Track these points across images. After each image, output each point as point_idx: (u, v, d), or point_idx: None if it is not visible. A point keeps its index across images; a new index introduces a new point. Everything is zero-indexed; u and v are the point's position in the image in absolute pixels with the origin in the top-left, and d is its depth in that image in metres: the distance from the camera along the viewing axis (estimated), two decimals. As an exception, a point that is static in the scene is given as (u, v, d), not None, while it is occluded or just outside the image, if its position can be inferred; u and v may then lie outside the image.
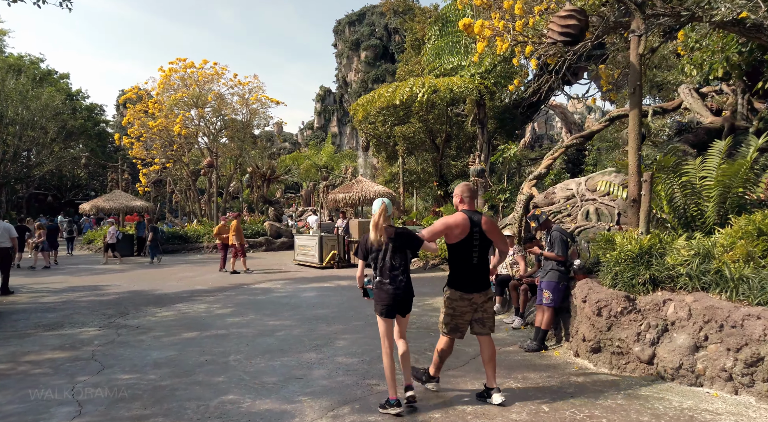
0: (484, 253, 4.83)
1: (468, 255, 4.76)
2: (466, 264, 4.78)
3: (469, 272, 4.79)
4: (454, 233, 4.71)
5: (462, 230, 4.70)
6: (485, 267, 4.86)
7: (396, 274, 4.72)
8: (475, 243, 4.74)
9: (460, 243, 4.74)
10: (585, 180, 10.01)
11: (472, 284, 4.80)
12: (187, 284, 13.65)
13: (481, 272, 4.82)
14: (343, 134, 71.56)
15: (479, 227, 4.74)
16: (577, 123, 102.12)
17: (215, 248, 24.18)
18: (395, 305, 4.71)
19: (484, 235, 4.76)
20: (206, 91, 27.34)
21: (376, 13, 59.32)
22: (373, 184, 17.43)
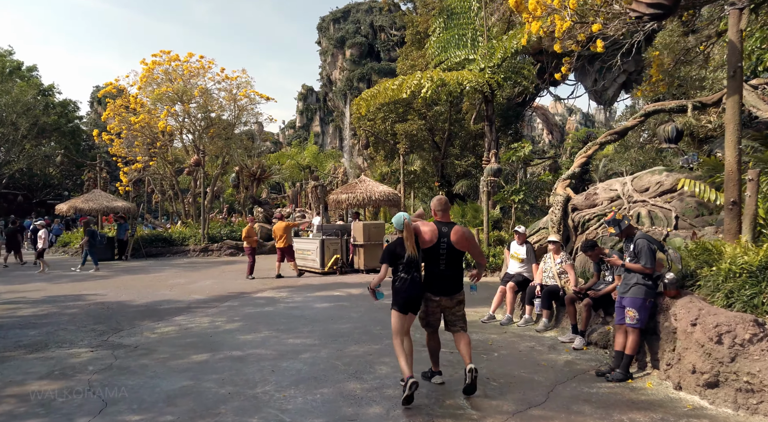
0: (452, 262, 5.22)
1: (435, 262, 5.20)
2: (433, 270, 5.24)
3: (435, 277, 5.25)
4: (423, 239, 5.16)
5: (430, 237, 5.14)
6: (454, 275, 5.27)
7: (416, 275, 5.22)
8: (441, 252, 5.15)
9: (429, 250, 5.19)
10: (631, 180, 9.18)
11: (438, 288, 5.26)
12: (181, 292, 12.47)
13: (447, 279, 5.25)
14: (325, 133, 70.33)
15: (447, 238, 5.13)
16: (558, 125, 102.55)
17: (203, 252, 22.94)
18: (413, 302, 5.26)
19: (452, 245, 5.14)
20: (192, 85, 25.97)
21: (361, 10, 58.31)
22: (377, 184, 16.43)
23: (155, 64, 26.34)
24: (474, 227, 16.50)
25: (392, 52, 53.60)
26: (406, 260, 5.14)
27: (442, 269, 5.22)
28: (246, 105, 26.59)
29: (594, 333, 6.78)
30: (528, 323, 8.21)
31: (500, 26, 17.94)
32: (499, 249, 14.40)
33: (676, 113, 10.93)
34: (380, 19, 55.17)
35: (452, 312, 5.42)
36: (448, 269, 5.23)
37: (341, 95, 56.83)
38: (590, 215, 9.01)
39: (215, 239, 23.45)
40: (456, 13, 18.26)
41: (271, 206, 29.48)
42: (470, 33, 17.85)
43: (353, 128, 53.43)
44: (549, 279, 8.06)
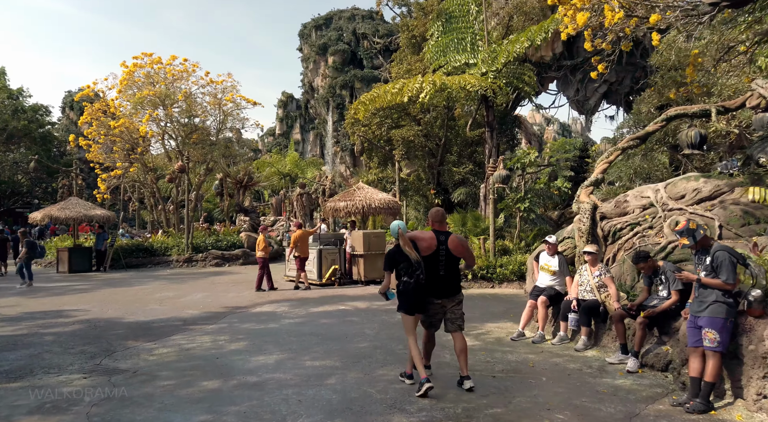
0: (450, 267, 5.70)
1: (435, 268, 5.63)
2: (434, 275, 5.65)
3: (436, 281, 5.66)
4: (422, 246, 5.60)
5: (429, 245, 5.60)
6: (452, 278, 5.76)
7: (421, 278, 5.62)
8: (441, 258, 5.62)
9: (429, 257, 5.61)
10: (664, 187, 8.70)
11: (440, 291, 5.70)
12: (173, 307, 11.57)
13: (447, 282, 5.72)
14: (306, 141, 69.46)
15: (445, 245, 5.63)
16: (537, 134, 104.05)
17: (187, 262, 21.90)
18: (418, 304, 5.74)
19: (450, 252, 5.64)
20: (175, 89, 24.98)
21: (344, 17, 57.75)
22: (376, 191, 15.75)
23: (136, 66, 25.27)
24: (475, 236, 15.95)
25: (375, 59, 53.18)
26: (409, 264, 5.59)
27: (441, 273, 5.67)
28: (232, 110, 25.68)
29: (649, 353, 6.19)
30: (563, 341, 7.60)
31: (499, 31, 17.53)
32: (506, 259, 13.84)
33: (698, 117, 10.54)
34: (363, 26, 54.70)
35: (452, 311, 5.82)
36: (447, 274, 5.70)
37: (324, 102, 56.07)
38: (622, 223, 8.50)
39: (200, 249, 22.43)
40: (454, 16, 17.80)
41: (257, 214, 28.53)
42: (469, 37, 17.40)
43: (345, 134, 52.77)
44: (586, 293, 7.48)
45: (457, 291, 5.82)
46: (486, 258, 13.86)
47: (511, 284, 13.53)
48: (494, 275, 13.53)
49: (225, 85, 25.40)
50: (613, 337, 7.16)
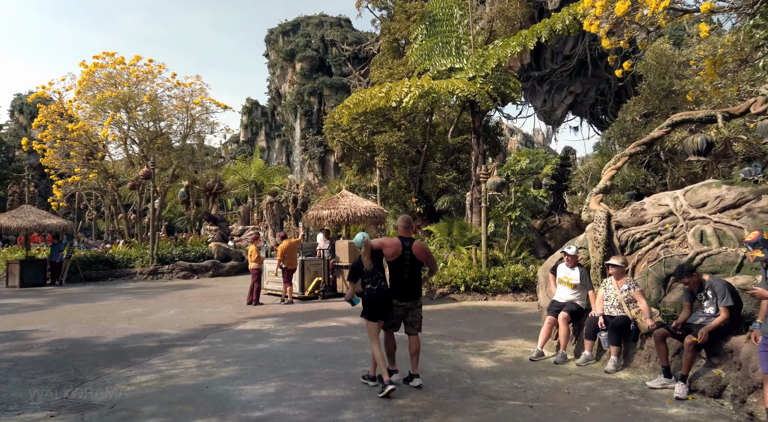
0: (413, 271, 6.05)
1: (400, 272, 5.99)
2: (399, 279, 6.01)
3: (401, 284, 6.01)
4: (388, 252, 5.95)
5: (394, 251, 5.94)
6: (415, 282, 6.10)
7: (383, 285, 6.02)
8: (405, 263, 5.97)
9: (395, 262, 5.98)
10: (683, 194, 8.26)
11: (404, 294, 6.04)
12: (144, 326, 10.50)
13: (411, 286, 6.06)
14: (272, 148, 68.04)
15: (410, 251, 5.97)
16: (501, 144, 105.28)
17: (152, 275, 20.59)
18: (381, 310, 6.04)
19: (414, 257, 5.99)
20: (140, 91, 23.66)
21: (312, 24, 56.87)
22: (361, 199, 14.97)
23: (97, 66, 23.85)
24: (462, 246, 15.38)
25: (344, 67, 52.49)
26: (372, 272, 5.97)
27: (406, 277, 6.04)
28: (200, 114, 24.50)
29: (698, 378, 5.64)
30: (588, 361, 7.00)
31: (484, 35, 17.12)
32: (499, 270, 13.28)
33: (704, 123, 10.24)
34: (332, 33, 53.94)
35: (413, 315, 6.16)
36: (411, 277, 6.07)
37: (291, 109, 54.91)
38: (641, 233, 8.00)
39: (166, 260, 21.13)
40: (438, 20, 17.30)
41: (227, 223, 27.29)
42: (454, 41, 16.93)
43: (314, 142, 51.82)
44: (613, 309, 6.91)
45: (419, 295, 6.22)
46: (478, 269, 13.27)
47: (505, 296, 12.97)
48: (487, 287, 12.95)
49: (193, 88, 24.25)
50: (645, 357, 6.61)
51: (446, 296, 13.17)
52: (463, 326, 9.93)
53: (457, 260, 14.40)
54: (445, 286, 13.20)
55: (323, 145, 51.50)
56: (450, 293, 13.15)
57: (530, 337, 8.83)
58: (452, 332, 9.36)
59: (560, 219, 19.07)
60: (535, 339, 8.71)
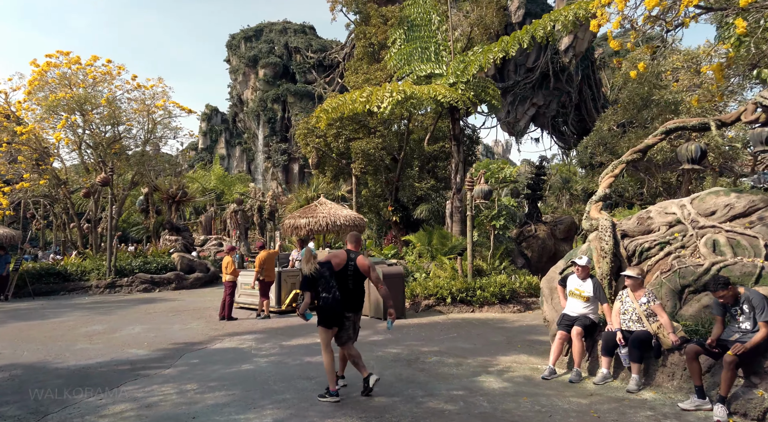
0: (357, 283, 6.33)
1: (345, 281, 6.25)
2: (344, 289, 6.23)
3: (346, 295, 6.24)
4: (335, 262, 6.23)
5: (340, 261, 6.25)
6: (358, 294, 6.36)
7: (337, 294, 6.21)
8: (349, 273, 6.26)
9: (339, 272, 6.22)
10: (689, 202, 8.01)
11: (349, 305, 6.28)
12: (109, 345, 9.54)
13: (354, 297, 6.32)
14: (232, 156, 66.39)
15: (354, 263, 6.28)
16: (476, 153, 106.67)
17: (109, 288, 19.27)
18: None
19: (357, 269, 6.28)
20: (97, 93, 22.36)
21: (275, 30, 55.88)
22: (340, 207, 14.33)
23: (50, 65, 22.43)
24: (444, 255, 14.93)
25: (308, 74, 51.75)
26: (326, 281, 6.17)
27: (350, 287, 6.32)
28: (162, 118, 23.33)
29: (738, 399, 5.27)
30: (606, 379, 6.58)
31: (463, 42, 16.86)
32: (485, 281, 12.86)
33: (697, 131, 10.14)
34: (296, 40, 53.12)
35: (354, 323, 6.45)
36: (354, 288, 6.35)
37: (254, 116, 53.66)
38: (649, 242, 7.70)
39: (124, 272, 19.83)
40: (417, 25, 16.95)
41: (190, 233, 26.06)
42: (433, 47, 16.59)
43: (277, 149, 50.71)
44: (632, 323, 6.52)
45: (361, 307, 6.50)
46: (464, 280, 12.81)
47: (492, 308, 12.55)
48: (474, 299, 12.49)
49: (155, 91, 23.10)
50: (669, 375, 6.24)
51: (432, 309, 12.64)
52: (458, 341, 9.41)
53: (439, 270, 13.93)
54: (431, 298, 12.67)
55: (287, 153, 50.54)
56: (436, 305, 12.63)
57: (533, 352, 8.39)
58: (449, 348, 8.82)
59: (536, 228, 18.90)
60: (538, 354, 8.30)
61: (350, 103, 13.77)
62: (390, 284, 11.59)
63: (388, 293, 6.40)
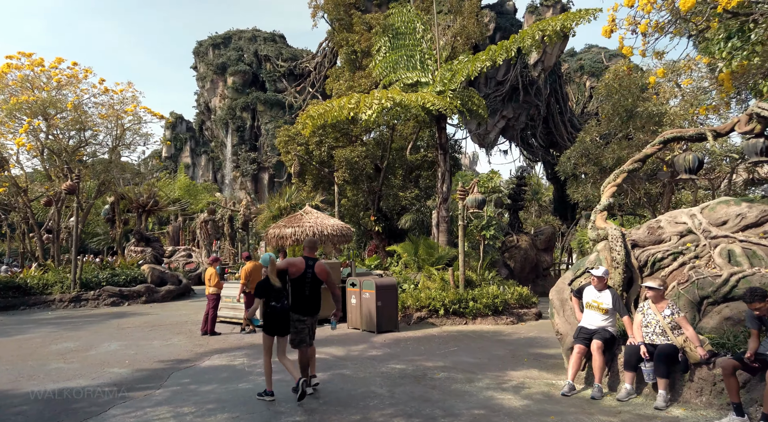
0: (314, 288, 6.63)
1: (302, 288, 6.57)
2: (301, 294, 6.57)
3: (302, 300, 6.58)
4: (293, 270, 6.54)
5: (298, 269, 6.54)
6: (315, 298, 6.67)
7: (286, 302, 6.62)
8: (307, 280, 6.57)
9: (297, 279, 6.55)
10: (699, 211, 7.92)
11: (305, 309, 6.60)
12: (87, 365, 8.81)
13: (311, 302, 6.64)
14: (197, 165, 64.85)
15: (312, 269, 6.59)
16: (459, 162, 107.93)
17: (74, 302, 18.20)
18: None
19: (315, 275, 6.60)
20: (63, 96, 21.31)
21: (244, 38, 55.03)
22: (326, 217, 13.86)
23: (10, 67, 21.29)
24: (431, 266, 14.63)
25: (279, 83, 51.08)
26: (278, 291, 6.48)
27: (307, 293, 6.60)
28: (131, 124, 22.39)
29: (776, 412, 5.07)
30: (630, 395, 6.34)
31: (448, 50, 16.74)
32: (477, 292, 12.59)
33: (694, 141, 10.15)
34: (265, 48, 52.41)
35: (312, 327, 6.75)
36: (311, 294, 6.64)
37: (222, 124, 52.51)
38: (662, 252, 7.55)
39: (90, 285, 18.79)
40: (401, 33, 16.75)
41: (161, 244, 25.02)
42: (418, 55, 16.41)
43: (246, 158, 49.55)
44: (656, 337, 6.31)
45: (318, 310, 6.77)
46: (456, 291, 12.51)
47: (486, 320, 12.27)
48: (467, 311, 12.20)
49: (124, 96, 22.17)
50: (697, 390, 6.04)
51: (424, 321, 12.27)
52: (461, 355, 9.06)
53: (429, 281, 13.60)
54: (423, 310, 12.32)
55: (257, 162, 49.60)
56: (428, 317, 12.28)
57: (542, 367, 8.12)
58: (454, 363, 8.47)
59: (518, 239, 18.82)
60: (547, 368, 8.04)
61: (338, 109, 13.40)
62: (384, 295, 11.24)
63: (339, 297, 6.91)
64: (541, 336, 10.89)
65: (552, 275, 19.69)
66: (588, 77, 64.38)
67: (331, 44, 44.25)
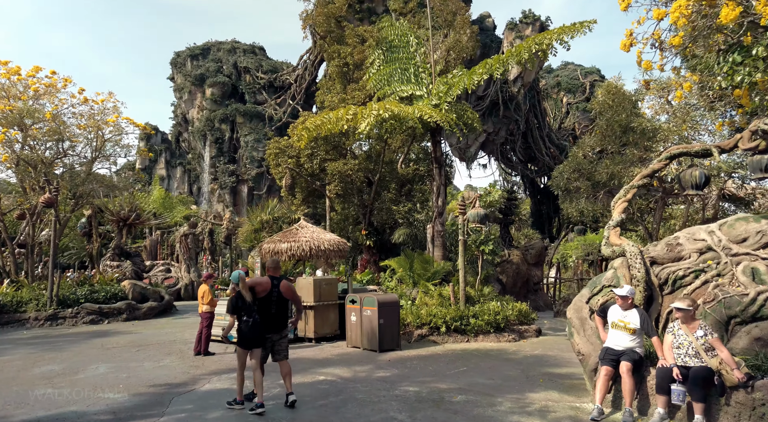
0: (280, 306, 7.01)
1: (268, 307, 6.92)
2: (267, 313, 6.91)
3: (268, 318, 6.91)
4: (259, 289, 6.88)
5: (264, 288, 6.91)
6: (281, 316, 7.04)
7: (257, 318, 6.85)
8: (273, 299, 6.93)
9: (264, 298, 6.90)
10: (718, 228, 7.82)
11: (271, 327, 6.94)
12: (77, 388, 8.25)
13: (277, 320, 6.98)
14: (172, 177, 63.53)
15: (277, 289, 6.96)
16: (450, 176, 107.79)
17: (50, 320, 17.38)
18: None
19: (280, 294, 6.97)
20: (41, 106, 20.54)
21: (224, 49, 54.43)
22: (322, 231, 13.49)
23: (-15, 76, 20.47)
24: (427, 281, 14.36)
25: (258, 95, 50.56)
26: (249, 307, 6.74)
27: (273, 312, 6.94)
28: (112, 135, 21.68)
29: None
30: (663, 420, 6.12)
31: (441, 64, 16.65)
32: (478, 308, 12.35)
33: (700, 157, 10.14)
34: (245, 60, 51.90)
35: (279, 344, 7.06)
36: (277, 312, 6.98)
37: (200, 136, 51.62)
38: (683, 270, 7.42)
39: (68, 302, 17.99)
40: (395, 46, 16.62)
41: (141, 259, 24.19)
42: (412, 68, 16.29)
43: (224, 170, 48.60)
44: (689, 359, 6.13)
45: (284, 327, 7.12)
46: (456, 308, 12.25)
47: (488, 337, 12.02)
48: (468, 328, 11.94)
49: (105, 106, 21.48)
50: (734, 415, 5.85)
51: (425, 339, 11.96)
52: (473, 375, 8.77)
53: (426, 297, 13.32)
54: (423, 327, 12.01)
55: (236, 174, 48.82)
56: (429, 334, 11.97)
57: (560, 388, 7.88)
58: (469, 384, 8.18)
59: (509, 254, 18.71)
60: (566, 390, 7.81)
61: (335, 121, 13.12)
62: (386, 312, 10.93)
63: (302, 310, 7.79)
64: (547, 354, 10.68)
65: (543, 289, 19.61)
66: (565, 94, 65.47)
67: (314, 57, 44.01)
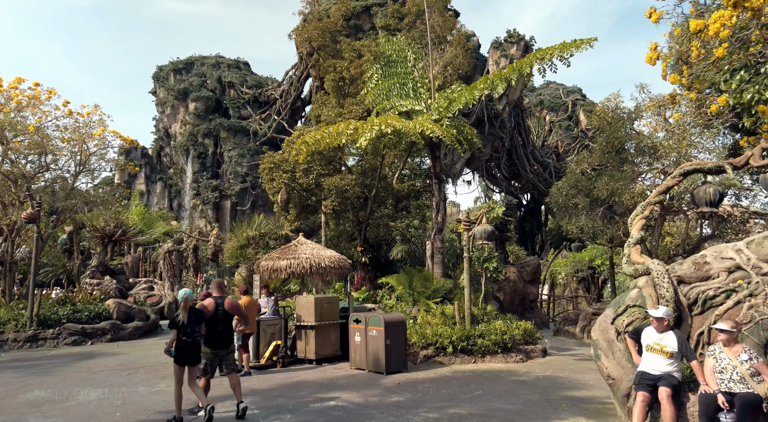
0: (226, 323, 7.72)
1: (215, 325, 7.56)
2: (215, 330, 7.55)
3: (215, 336, 7.57)
4: (206, 310, 7.45)
5: (211, 308, 7.51)
6: (227, 333, 7.74)
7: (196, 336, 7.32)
8: (219, 317, 7.60)
9: (211, 318, 7.49)
10: (745, 245, 7.62)
11: (217, 344, 7.61)
12: (71, 418, 7.65)
13: (223, 337, 7.68)
14: (152, 192, 62.30)
15: (222, 307, 7.60)
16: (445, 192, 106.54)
17: (30, 342, 16.51)
18: None
19: (226, 311, 7.65)
20: (23, 119, 19.82)
21: (207, 64, 53.88)
22: (321, 247, 13.06)
23: (-36, 87, 19.72)
24: (428, 298, 14.00)
25: (243, 110, 50.05)
26: (189, 326, 7.12)
27: (220, 329, 7.57)
28: (97, 149, 21.01)
29: None
30: (708, 447, 5.82)
31: (439, 80, 16.50)
32: (484, 327, 11.99)
33: (713, 173, 10.06)
34: (229, 75, 51.41)
35: (226, 359, 7.70)
36: (224, 329, 7.65)
37: (183, 151, 50.74)
38: (714, 290, 7.19)
39: (49, 322, 17.16)
40: (393, 61, 16.45)
41: (126, 277, 23.35)
42: (411, 83, 16.11)
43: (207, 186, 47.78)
44: (733, 384, 5.85)
45: (230, 343, 7.78)
46: (462, 327, 11.89)
47: (495, 358, 11.65)
48: (475, 348, 11.57)
49: (91, 119, 20.84)
50: (783, 440, 5.57)
51: (431, 360, 11.55)
52: (490, 400, 8.39)
53: (429, 316, 12.94)
54: (429, 347, 11.61)
55: (219, 189, 48.03)
56: (435, 355, 11.57)
57: (587, 414, 7.55)
58: (489, 409, 7.79)
59: (506, 271, 18.44)
60: (593, 415, 7.49)
61: (335, 135, 12.80)
62: (393, 332, 10.54)
63: (249, 321, 9.13)
64: (559, 375, 10.36)
65: (539, 307, 19.37)
66: (547, 112, 66.30)
67: (300, 72, 43.74)
